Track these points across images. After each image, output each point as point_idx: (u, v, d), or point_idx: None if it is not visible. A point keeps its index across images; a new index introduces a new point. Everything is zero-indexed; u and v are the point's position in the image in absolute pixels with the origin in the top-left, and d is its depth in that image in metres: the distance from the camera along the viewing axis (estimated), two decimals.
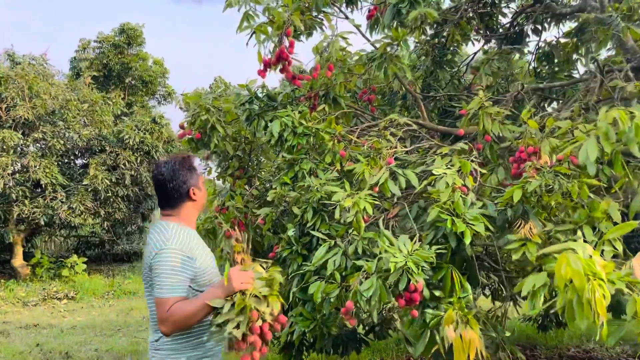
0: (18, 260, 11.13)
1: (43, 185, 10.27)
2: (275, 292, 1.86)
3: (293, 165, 3.14)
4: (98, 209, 11.04)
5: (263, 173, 3.79)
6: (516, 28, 4.87)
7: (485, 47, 4.94)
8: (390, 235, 2.41)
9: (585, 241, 2.24)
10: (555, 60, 4.83)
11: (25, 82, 10.42)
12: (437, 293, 2.52)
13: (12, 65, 11.36)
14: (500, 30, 4.91)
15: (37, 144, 10.85)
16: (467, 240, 2.35)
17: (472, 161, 2.71)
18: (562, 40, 4.74)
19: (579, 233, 2.36)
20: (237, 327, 1.75)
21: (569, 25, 4.82)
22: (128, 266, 13.29)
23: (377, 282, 2.31)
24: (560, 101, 4.34)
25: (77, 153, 12.21)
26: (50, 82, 10.92)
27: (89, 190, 10.75)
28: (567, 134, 2.76)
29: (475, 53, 4.83)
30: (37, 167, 10.11)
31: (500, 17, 4.84)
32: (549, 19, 4.82)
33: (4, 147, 9.90)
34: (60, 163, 11.08)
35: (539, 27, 4.82)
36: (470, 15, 4.48)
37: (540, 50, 4.83)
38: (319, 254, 2.61)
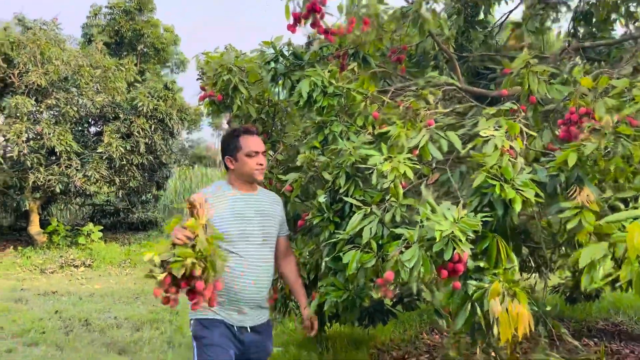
0: (34, 228, 11.15)
1: (57, 153, 10.18)
2: (195, 255, 1.85)
3: (322, 128, 2.95)
4: (113, 177, 10.96)
5: (288, 137, 3.60)
6: None
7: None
8: (433, 201, 2.23)
9: None
10: (594, 20, 4.55)
11: (37, 47, 10.22)
12: (481, 264, 2.35)
13: (23, 30, 11.16)
14: None
15: (51, 111, 10.71)
16: (517, 208, 2.16)
17: (519, 122, 2.50)
18: None
19: None
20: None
21: None
22: (143, 234, 13.29)
23: (419, 251, 2.14)
24: (602, 62, 4.07)
25: (90, 120, 12.09)
26: (62, 48, 10.71)
27: (104, 158, 10.66)
28: (623, 93, 2.53)
29: (511, 11, 4.54)
30: (51, 134, 10.00)
31: None
32: None
33: (18, 113, 9.78)
34: (74, 130, 10.96)
35: None
36: None
37: (578, 9, 4.54)
38: (353, 222, 2.43)
